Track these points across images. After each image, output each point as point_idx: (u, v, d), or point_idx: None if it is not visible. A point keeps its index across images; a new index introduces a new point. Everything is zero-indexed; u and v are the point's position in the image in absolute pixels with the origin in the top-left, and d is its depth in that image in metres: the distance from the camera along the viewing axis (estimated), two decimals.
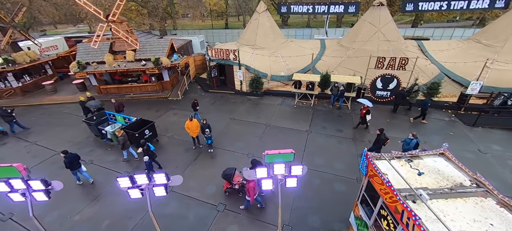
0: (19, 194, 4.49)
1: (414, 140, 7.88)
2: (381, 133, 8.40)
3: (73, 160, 7.81)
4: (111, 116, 11.14)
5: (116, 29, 13.98)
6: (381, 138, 8.32)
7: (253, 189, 6.35)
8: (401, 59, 12.37)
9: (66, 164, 7.72)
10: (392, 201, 3.99)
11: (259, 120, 12.49)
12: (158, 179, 4.36)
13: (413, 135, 8.01)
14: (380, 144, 8.38)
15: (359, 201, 5.43)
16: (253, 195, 6.40)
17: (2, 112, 10.93)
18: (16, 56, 15.81)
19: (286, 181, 4.54)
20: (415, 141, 7.86)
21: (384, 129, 8.64)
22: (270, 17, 18.07)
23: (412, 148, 7.81)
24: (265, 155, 4.23)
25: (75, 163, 7.88)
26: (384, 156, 4.75)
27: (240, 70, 15.17)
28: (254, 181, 6.35)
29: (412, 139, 7.93)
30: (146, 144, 8.40)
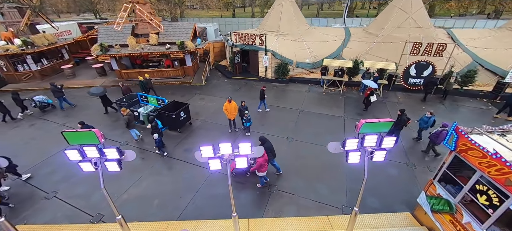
0: (92, 163, 4.22)
1: (432, 117, 8.28)
2: (402, 113, 8.43)
3: None
4: (143, 98, 10.83)
5: (140, 10, 13.53)
6: (402, 119, 8.36)
7: (266, 163, 6.44)
8: (439, 45, 11.95)
9: None
10: (501, 173, 3.72)
11: (291, 106, 12.19)
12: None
13: (431, 113, 8.40)
14: (402, 125, 8.44)
15: (436, 179, 5.17)
16: (265, 169, 6.49)
17: (53, 87, 11.54)
18: (34, 38, 15.40)
19: (375, 154, 4.26)
20: (433, 118, 8.28)
21: (405, 110, 8.56)
22: (293, 3, 17.55)
23: (429, 125, 8.36)
24: (362, 124, 3.93)
25: None
26: (479, 129, 4.46)
27: (266, 55, 14.76)
28: (264, 156, 6.38)
29: (430, 117, 8.30)
30: (154, 120, 8.24)
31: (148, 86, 12.48)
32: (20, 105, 11.25)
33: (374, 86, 10.71)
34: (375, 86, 10.75)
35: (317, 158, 8.19)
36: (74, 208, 6.58)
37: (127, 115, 8.79)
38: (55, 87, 11.57)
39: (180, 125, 9.89)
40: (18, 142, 9.57)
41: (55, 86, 11.62)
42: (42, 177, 7.70)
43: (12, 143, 9.49)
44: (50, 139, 9.62)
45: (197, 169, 7.83)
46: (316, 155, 8.36)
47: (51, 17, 51.87)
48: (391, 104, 12.35)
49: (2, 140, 9.76)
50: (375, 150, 4.25)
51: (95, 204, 6.64)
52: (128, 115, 8.80)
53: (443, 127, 7.61)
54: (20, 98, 11.25)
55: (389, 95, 13.32)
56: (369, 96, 10.84)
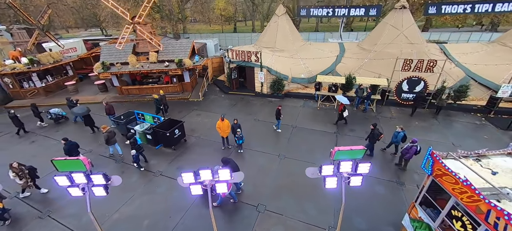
0: (79, 188, 4.44)
1: (402, 132, 8.52)
2: (375, 128, 8.67)
3: (72, 148, 8.44)
4: (140, 116, 11.17)
5: (141, 30, 14.19)
6: (375, 133, 8.60)
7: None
8: (429, 61, 12.20)
9: (65, 150, 8.33)
10: (472, 200, 3.81)
11: (284, 122, 12.35)
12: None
13: (400, 128, 8.65)
14: (375, 139, 8.69)
15: (417, 202, 5.23)
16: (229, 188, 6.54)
17: (69, 102, 12.66)
18: (40, 57, 16.13)
19: (351, 179, 4.39)
20: (402, 133, 8.50)
21: (377, 124, 8.84)
22: (289, 20, 18.16)
23: (400, 140, 8.60)
24: (335, 151, 4.11)
25: (74, 151, 8.47)
26: (452, 154, 4.58)
27: (262, 71, 15.16)
28: None
29: (400, 131, 8.54)
30: (133, 137, 8.55)
31: (163, 102, 12.93)
32: (37, 116, 12.38)
33: (346, 102, 11.12)
34: (346, 102, 11.17)
35: (306, 177, 8.25)
36: (67, 228, 6.72)
37: (107, 132, 9.07)
38: (70, 102, 12.66)
39: (175, 142, 10.13)
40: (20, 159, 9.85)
41: (70, 100, 12.75)
42: (37, 195, 7.91)
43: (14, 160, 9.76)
44: (49, 156, 9.88)
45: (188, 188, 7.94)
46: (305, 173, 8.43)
47: (60, 32, 54.27)
48: (385, 119, 12.47)
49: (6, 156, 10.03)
50: (351, 175, 4.39)
51: (86, 225, 6.77)
52: (107, 132, 9.08)
53: (412, 142, 7.84)
54: (38, 110, 12.35)
55: (383, 110, 13.45)
56: (342, 112, 11.18)
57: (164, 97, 13.06)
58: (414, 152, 7.81)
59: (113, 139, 9.27)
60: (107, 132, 9.04)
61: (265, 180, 8.20)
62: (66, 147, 8.34)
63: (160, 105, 12.84)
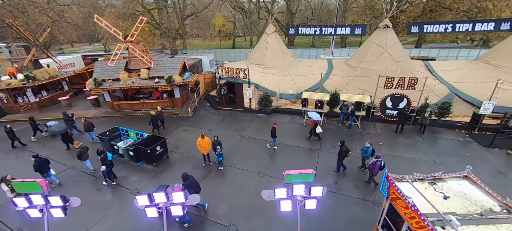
0: (37, 210, 4.50)
1: (370, 147, 8.73)
2: (342, 145, 8.80)
3: (42, 164, 8.49)
4: (124, 132, 11.34)
5: (133, 49, 14.73)
6: (342, 150, 8.75)
7: None
8: (410, 79, 12.45)
9: (35, 167, 8.37)
10: (419, 226, 3.83)
11: (269, 138, 12.42)
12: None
13: (369, 143, 8.86)
14: (342, 156, 8.81)
15: (380, 225, 5.20)
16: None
17: (65, 116, 12.90)
18: (37, 73, 16.65)
19: (306, 202, 4.43)
20: (371, 148, 8.71)
21: (345, 141, 8.93)
22: (278, 38, 18.76)
23: (369, 155, 8.78)
24: (285, 175, 4.19)
25: (44, 167, 8.52)
26: (406, 178, 4.63)
27: (250, 88, 15.48)
28: None
29: (369, 146, 8.76)
30: (104, 152, 8.67)
31: (160, 117, 13.09)
32: (34, 129, 12.70)
33: (317, 119, 11.50)
34: (318, 118, 11.57)
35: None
36: None
37: (80, 148, 9.20)
38: (66, 116, 12.90)
39: (156, 159, 10.19)
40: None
41: (66, 115, 12.99)
42: (12, 213, 7.89)
43: None
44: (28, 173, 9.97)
45: None
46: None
47: (64, 46, 55.99)
48: (369, 136, 12.51)
49: None
50: (306, 199, 4.43)
51: None
52: (80, 148, 9.23)
53: (376, 158, 7.93)
54: (35, 123, 12.67)
55: (368, 126, 13.54)
56: (314, 128, 11.44)
57: (161, 113, 13.20)
58: (379, 167, 7.94)
59: (85, 154, 9.40)
60: (79, 147, 9.20)
61: (241, 199, 8.17)
62: (36, 164, 8.42)
63: (157, 121, 13.00)
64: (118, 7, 25.09)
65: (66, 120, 12.84)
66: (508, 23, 14.14)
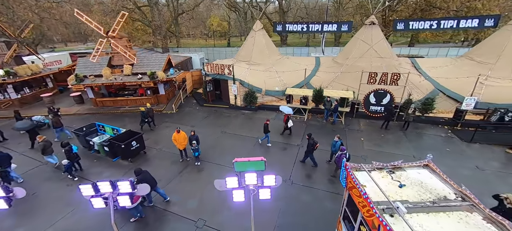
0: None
1: (338, 141, 8.73)
2: (309, 137, 8.91)
3: (3, 159, 8.24)
4: (101, 128, 11.09)
5: (115, 44, 14.48)
6: (309, 143, 8.83)
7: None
8: (393, 75, 12.39)
9: None
10: (369, 215, 3.70)
11: (251, 134, 12.31)
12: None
13: (338, 137, 8.87)
14: (310, 149, 8.87)
15: (341, 217, 5.06)
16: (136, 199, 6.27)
17: (49, 111, 12.96)
18: (18, 69, 16.29)
19: (259, 192, 4.27)
20: (339, 142, 8.70)
21: (312, 134, 9.04)
22: (265, 35, 18.64)
23: (337, 148, 8.64)
24: (234, 162, 4.03)
25: (5, 162, 8.27)
26: (364, 167, 4.50)
27: (235, 84, 15.31)
28: None
29: (337, 141, 8.79)
30: (68, 145, 8.53)
31: (150, 114, 12.77)
32: None
33: (289, 112, 11.54)
34: (290, 111, 11.62)
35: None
36: None
37: (43, 142, 8.99)
38: (50, 111, 13.00)
39: (132, 154, 9.97)
40: None
41: (51, 109, 13.11)
42: None
43: None
44: None
45: None
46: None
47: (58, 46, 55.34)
48: (352, 131, 12.42)
49: None
50: (259, 188, 4.27)
51: None
52: (43, 142, 9.01)
53: (341, 151, 7.93)
54: (21, 117, 12.50)
55: (352, 123, 13.44)
56: (286, 122, 11.49)
57: (151, 110, 12.88)
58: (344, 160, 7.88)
59: (49, 149, 9.18)
60: (43, 141, 9.00)
61: (214, 194, 7.96)
62: None
63: (146, 118, 12.65)
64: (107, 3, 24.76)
65: (50, 113, 12.75)
66: (491, 20, 14.18)
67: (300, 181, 8.55)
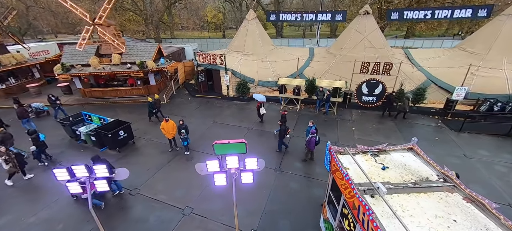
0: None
1: (313, 126, 8.70)
2: (283, 123, 9.25)
3: None
4: (87, 117, 10.80)
5: (102, 31, 13.98)
6: (282, 129, 9.12)
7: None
8: (385, 64, 12.32)
9: None
10: (350, 196, 3.64)
11: (242, 124, 12.20)
12: None
13: (312, 122, 8.95)
14: (282, 135, 9.14)
15: (326, 202, 5.03)
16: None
17: (48, 98, 12.82)
18: (2, 58, 15.69)
19: (241, 176, 4.17)
20: (314, 126, 8.69)
21: (285, 121, 9.57)
22: (259, 25, 18.27)
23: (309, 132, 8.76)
24: (214, 144, 3.90)
25: None
26: (348, 150, 4.43)
27: (227, 74, 15.06)
28: None
29: (311, 126, 8.75)
30: (35, 132, 8.46)
31: (156, 105, 12.41)
32: None
33: (262, 99, 12.00)
34: (262, 99, 12.07)
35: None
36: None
37: (1, 133, 8.80)
38: (49, 99, 12.88)
39: (120, 144, 9.77)
40: None
41: (50, 97, 12.92)
42: None
43: None
44: None
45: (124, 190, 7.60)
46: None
47: (47, 37, 53.49)
48: (343, 121, 12.40)
49: None
50: (241, 172, 4.17)
51: None
52: (1, 133, 8.82)
53: (311, 134, 8.23)
54: (20, 104, 12.18)
55: (344, 113, 13.42)
56: (259, 109, 11.85)
57: (158, 101, 12.53)
58: (314, 143, 8.30)
59: (9, 141, 8.86)
60: (1, 133, 8.83)
61: (202, 182, 7.87)
62: None
63: (153, 109, 12.35)
64: None
65: (51, 103, 12.84)
66: (485, 10, 14.11)
67: (289, 169, 8.52)
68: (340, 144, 10.28)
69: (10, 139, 8.98)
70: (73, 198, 7.17)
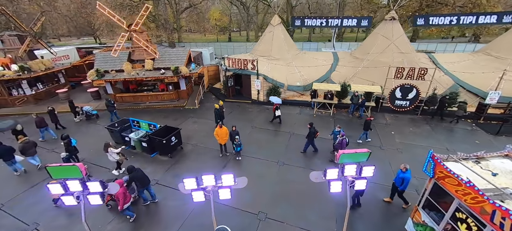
0: (74, 197, 4.20)
1: (340, 130, 9.18)
2: (311, 126, 9.46)
3: (4, 152, 8.37)
4: (135, 123, 10.91)
5: (137, 38, 14.13)
6: (311, 131, 9.36)
7: (123, 196, 6.07)
8: (420, 69, 12.64)
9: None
10: (475, 202, 3.84)
11: (282, 129, 12.39)
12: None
13: (338, 127, 9.37)
14: (311, 137, 9.48)
15: (420, 206, 5.23)
16: (123, 203, 6.13)
17: (107, 102, 13.14)
18: (32, 64, 15.72)
19: (356, 183, 4.37)
20: (341, 130, 9.14)
21: (313, 123, 9.65)
22: (284, 30, 18.58)
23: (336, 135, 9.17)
24: (340, 155, 4.09)
25: (7, 155, 8.40)
26: (453, 157, 4.65)
27: (258, 79, 15.27)
28: (123, 187, 6.19)
29: (339, 129, 9.22)
30: (68, 137, 8.59)
31: (220, 111, 12.30)
32: (73, 112, 13.65)
33: (278, 102, 12.83)
34: (278, 101, 12.94)
35: (306, 182, 8.18)
36: None
37: (22, 143, 8.80)
38: (108, 102, 13.15)
39: (171, 150, 9.89)
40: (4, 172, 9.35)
41: (109, 100, 13.29)
42: (24, 208, 7.45)
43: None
44: None
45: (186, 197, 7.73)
46: (305, 179, 8.32)
47: (51, 40, 53.38)
48: (379, 125, 12.66)
49: None
50: (356, 179, 4.36)
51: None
52: (23, 143, 8.80)
53: (342, 136, 8.63)
54: (74, 106, 13.60)
55: (378, 117, 13.68)
56: (275, 111, 12.43)
57: (221, 108, 12.51)
58: (346, 144, 8.60)
59: (31, 150, 8.93)
60: (22, 142, 8.83)
61: (265, 188, 8.06)
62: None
63: (220, 115, 12.26)
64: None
65: (107, 106, 13.09)
66: (509, 16, 14.59)
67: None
68: (385, 148, 10.56)
69: (32, 148, 8.97)
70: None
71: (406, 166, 6.56)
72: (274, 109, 12.46)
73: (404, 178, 6.55)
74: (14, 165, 8.75)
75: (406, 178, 6.53)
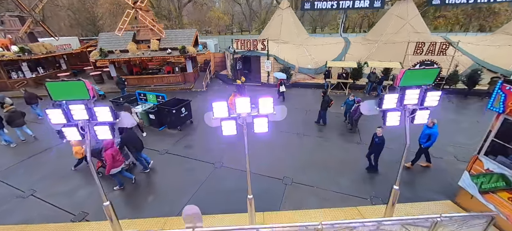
0: (78, 128, 3.44)
1: (355, 97, 8.93)
2: (325, 94, 9.20)
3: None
4: (141, 97, 10.21)
5: (143, 16, 13.55)
6: (325, 99, 9.04)
7: (111, 158, 5.19)
8: (441, 44, 12.00)
9: None
10: None
11: (297, 106, 11.70)
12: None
13: (352, 96, 9.06)
14: (325, 106, 9.14)
15: (482, 153, 4.48)
16: (111, 166, 5.25)
17: (118, 79, 12.87)
18: (32, 46, 15.11)
19: (416, 115, 3.63)
20: (355, 98, 8.91)
21: (327, 92, 9.70)
22: (293, 13, 18.05)
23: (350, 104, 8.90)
24: (403, 73, 3.36)
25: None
26: None
27: (268, 60, 14.63)
28: (113, 147, 5.32)
29: (353, 98, 8.95)
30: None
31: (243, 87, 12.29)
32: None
33: (283, 77, 12.36)
34: (283, 77, 12.45)
35: (330, 153, 7.57)
36: (54, 206, 5.55)
37: (8, 112, 7.69)
38: (119, 79, 12.88)
39: (181, 122, 9.17)
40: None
41: (119, 77, 13.07)
42: (20, 176, 6.70)
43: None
44: None
45: (200, 164, 7.00)
46: (328, 151, 7.74)
47: None
48: None
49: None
50: (417, 109, 3.63)
51: (79, 203, 5.63)
52: (10, 112, 7.72)
53: (357, 103, 8.34)
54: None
55: None
56: (279, 87, 12.10)
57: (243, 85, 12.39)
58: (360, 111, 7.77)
59: (19, 120, 7.88)
60: (8, 111, 7.65)
61: (287, 158, 7.32)
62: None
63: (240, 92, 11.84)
64: None
65: (118, 83, 12.77)
66: None
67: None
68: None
69: (20, 117, 8.09)
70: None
71: (434, 120, 5.90)
72: (278, 84, 12.13)
73: (430, 134, 5.94)
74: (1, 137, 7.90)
75: (433, 134, 5.92)
